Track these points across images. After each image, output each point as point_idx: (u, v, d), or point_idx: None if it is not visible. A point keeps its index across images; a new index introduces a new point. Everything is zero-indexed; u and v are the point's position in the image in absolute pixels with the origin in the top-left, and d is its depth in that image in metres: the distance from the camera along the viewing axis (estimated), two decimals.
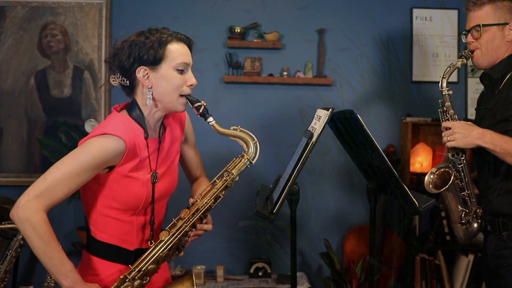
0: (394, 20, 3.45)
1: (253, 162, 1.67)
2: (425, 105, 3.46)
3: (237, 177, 1.67)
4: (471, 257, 3.19)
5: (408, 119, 3.33)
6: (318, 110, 1.79)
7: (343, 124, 1.93)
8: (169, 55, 1.58)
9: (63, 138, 3.14)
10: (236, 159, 1.68)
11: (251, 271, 3.26)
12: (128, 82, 1.61)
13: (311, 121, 1.80)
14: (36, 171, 3.29)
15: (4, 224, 2.26)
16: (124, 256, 1.61)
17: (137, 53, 1.56)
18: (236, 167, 1.66)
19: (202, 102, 1.62)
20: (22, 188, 3.25)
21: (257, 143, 1.67)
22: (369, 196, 2.07)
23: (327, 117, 1.67)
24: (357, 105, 3.43)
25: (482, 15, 2.02)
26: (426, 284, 3.23)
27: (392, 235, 3.26)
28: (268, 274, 3.26)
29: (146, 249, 1.59)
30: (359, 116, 1.77)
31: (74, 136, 3.12)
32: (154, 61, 1.57)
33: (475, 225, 2.04)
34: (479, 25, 2.01)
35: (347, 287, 3.13)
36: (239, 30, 3.31)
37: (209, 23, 3.37)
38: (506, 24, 2.00)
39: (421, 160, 3.33)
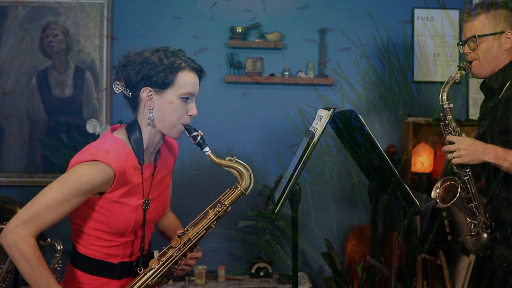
0: (394, 20, 3.44)
1: (247, 193, 1.67)
2: (425, 105, 3.46)
3: (230, 207, 1.66)
4: (472, 257, 3.18)
5: (409, 119, 3.33)
6: (319, 110, 1.79)
7: (344, 124, 1.93)
8: (177, 82, 1.56)
9: (64, 138, 3.14)
10: (229, 190, 1.67)
11: (253, 271, 3.26)
12: (130, 94, 1.60)
13: (312, 121, 1.80)
14: (37, 171, 3.29)
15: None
16: (108, 270, 1.60)
17: (147, 72, 1.55)
18: (230, 198, 1.66)
19: (199, 131, 1.61)
20: (23, 188, 3.29)
21: (252, 174, 1.66)
22: (370, 196, 2.08)
23: (329, 117, 1.68)
24: (357, 105, 3.43)
25: (477, 25, 2.01)
26: (427, 284, 3.23)
27: (393, 235, 3.26)
28: (269, 274, 3.26)
29: (133, 266, 1.61)
30: (360, 116, 1.77)
31: (76, 136, 3.12)
32: (162, 85, 1.55)
33: (485, 235, 2.03)
34: (475, 36, 2.00)
35: (349, 287, 3.13)
36: (240, 30, 3.31)
37: (210, 23, 3.36)
38: (503, 32, 1.99)
39: (422, 160, 3.33)
